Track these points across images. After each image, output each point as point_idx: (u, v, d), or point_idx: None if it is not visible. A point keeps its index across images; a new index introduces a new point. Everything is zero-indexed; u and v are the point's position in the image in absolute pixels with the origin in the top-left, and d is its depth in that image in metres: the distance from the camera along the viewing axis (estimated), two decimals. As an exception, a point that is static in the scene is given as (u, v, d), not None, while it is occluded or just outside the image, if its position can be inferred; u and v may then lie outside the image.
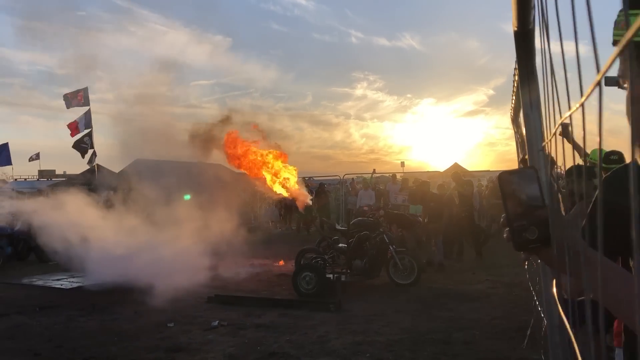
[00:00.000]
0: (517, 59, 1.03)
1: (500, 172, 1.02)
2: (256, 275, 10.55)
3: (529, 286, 8.28)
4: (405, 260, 9.04)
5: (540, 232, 0.96)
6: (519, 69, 1.07)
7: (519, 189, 0.98)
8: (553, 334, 1.22)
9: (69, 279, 10.06)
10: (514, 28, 0.96)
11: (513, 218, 0.98)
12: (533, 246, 0.97)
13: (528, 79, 1.06)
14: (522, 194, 0.98)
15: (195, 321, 7.12)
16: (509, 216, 0.98)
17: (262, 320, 7.12)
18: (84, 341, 6.33)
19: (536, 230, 0.96)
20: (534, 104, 1.10)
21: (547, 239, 0.95)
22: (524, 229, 0.96)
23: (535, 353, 5.38)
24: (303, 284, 8.48)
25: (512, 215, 0.98)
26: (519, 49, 1.00)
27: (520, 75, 1.07)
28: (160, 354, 5.84)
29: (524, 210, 0.97)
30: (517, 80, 1.80)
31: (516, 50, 1.01)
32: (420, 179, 17.46)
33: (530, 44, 0.97)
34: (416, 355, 5.61)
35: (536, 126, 1.11)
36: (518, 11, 0.89)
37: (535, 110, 1.10)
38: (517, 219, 0.97)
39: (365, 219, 10.02)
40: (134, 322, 7.13)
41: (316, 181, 20.49)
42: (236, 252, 12.42)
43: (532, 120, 1.11)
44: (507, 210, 0.99)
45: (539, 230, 0.96)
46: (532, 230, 0.96)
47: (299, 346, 6.00)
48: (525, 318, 6.59)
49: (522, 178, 0.99)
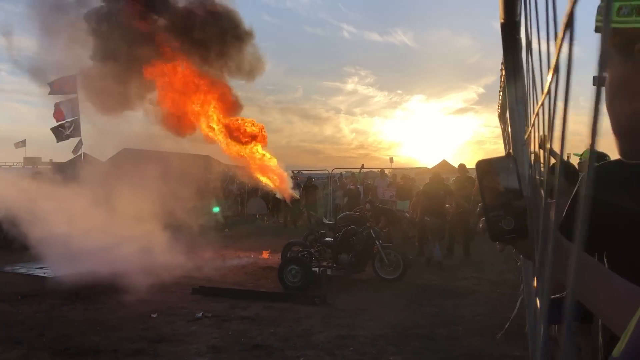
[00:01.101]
0: (504, 51, 1.02)
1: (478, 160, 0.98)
2: (242, 267, 10.53)
3: (513, 284, 8.36)
4: (391, 256, 9.06)
5: (517, 222, 0.93)
6: (505, 61, 1.06)
7: (497, 178, 0.95)
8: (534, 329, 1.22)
9: (53, 268, 9.97)
10: (501, 20, 0.95)
11: (490, 208, 0.95)
12: (509, 237, 0.95)
13: (514, 71, 1.05)
14: (499, 184, 0.95)
15: (180, 312, 7.10)
16: (486, 206, 0.96)
17: (247, 312, 7.11)
18: (66, 330, 6.29)
19: (513, 221, 0.94)
20: (519, 97, 1.09)
21: (523, 229, 0.93)
22: (500, 219, 0.94)
23: (517, 349, 5.43)
24: (289, 277, 8.48)
25: (489, 204, 0.95)
26: (505, 41, 0.99)
27: (506, 68, 1.06)
28: (143, 344, 5.81)
29: (501, 200, 0.95)
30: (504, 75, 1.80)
31: (502, 42, 0.99)
32: (408, 175, 17.52)
33: (517, 34, 0.96)
34: (400, 350, 5.63)
35: (521, 120, 1.11)
36: (505, 1, 0.88)
37: (521, 103, 1.09)
38: (494, 208, 0.95)
39: (353, 214, 10.03)
40: (117, 312, 7.09)
41: (304, 175, 20.48)
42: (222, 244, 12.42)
43: (517, 114, 1.11)
44: (484, 200, 0.96)
45: (515, 221, 0.93)
46: (509, 221, 0.93)
47: (283, 339, 6.00)
48: (508, 315, 6.65)
49: (501, 167, 0.96)
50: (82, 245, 10.06)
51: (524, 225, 0.93)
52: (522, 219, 0.93)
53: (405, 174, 17.41)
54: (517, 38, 0.97)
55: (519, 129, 1.11)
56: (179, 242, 12.27)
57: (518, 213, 0.93)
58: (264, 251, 12.09)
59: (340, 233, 9.17)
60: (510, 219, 0.94)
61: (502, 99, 2.74)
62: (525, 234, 0.93)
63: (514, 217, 0.94)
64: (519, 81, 1.06)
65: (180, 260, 10.41)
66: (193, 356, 5.50)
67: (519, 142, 1.11)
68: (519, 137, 1.11)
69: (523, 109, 1.09)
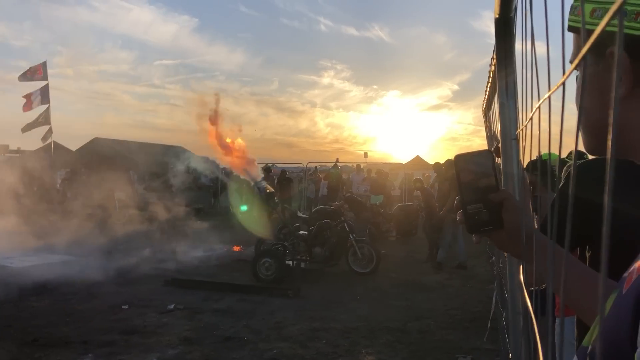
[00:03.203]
0: (496, 45, 1.03)
1: (456, 154, 1.01)
2: (215, 260, 10.46)
3: (483, 279, 8.50)
4: (364, 250, 9.12)
5: (493, 215, 0.96)
6: (497, 56, 1.07)
7: (474, 173, 0.98)
8: (516, 322, 1.24)
9: (21, 257, 9.76)
10: (496, 15, 0.96)
11: (467, 201, 0.98)
12: (485, 229, 0.98)
13: (505, 66, 1.06)
14: (476, 177, 0.98)
15: (151, 304, 7.02)
16: (463, 199, 0.99)
17: (220, 305, 7.08)
18: (34, 321, 6.16)
19: (488, 213, 0.97)
20: (510, 92, 1.10)
21: (499, 221, 0.96)
22: (477, 212, 0.97)
23: (488, 342, 5.53)
24: (262, 270, 8.46)
25: (466, 198, 0.99)
26: (498, 36, 1.00)
27: (497, 62, 1.07)
28: (114, 336, 5.73)
29: (478, 193, 0.98)
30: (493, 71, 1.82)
31: (496, 36, 1.00)
32: (382, 170, 17.64)
33: (510, 30, 0.97)
34: (372, 343, 5.68)
35: (511, 115, 1.12)
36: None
37: (511, 98, 1.11)
38: (471, 202, 0.98)
39: (327, 207, 10.05)
40: (87, 303, 6.97)
41: (279, 168, 20.43)
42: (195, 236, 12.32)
43: (507, 109, 1.12)
44: (462, 193, 0.99)
45: (491, 213, 0.97)
46: (485, 213, 0.97)
47: (255, 331, 5.99)
48: (479, 309, 6.77)
49: (478, 161, 0.99)
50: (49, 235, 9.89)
51: (499, 218, 0.96)
52: (497, 211, 0.96)
53: (380, 169, 17.53)
54: (511, 34, 0.98)
55: (509, 124, 1.13)
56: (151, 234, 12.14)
57: (494, 206, 0.96)
58: (237, 244, 12.03)
59: (314, 226, 9.18)
60: (486, 212, 0.97)
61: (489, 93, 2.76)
62: (500, 225, 0.96)
63: (489, 209, 0.97)
64: (510, 76, 1.08)
65: (152, 251, 10.31)
66: (165, 348, 5.45)
67: (509, 137, 1.12)
68: (509, 133, 1.12)
69: (514, 105, 1.10)
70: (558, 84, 0.53)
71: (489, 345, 5.49)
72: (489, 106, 3.20)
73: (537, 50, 0.72)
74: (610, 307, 0.64)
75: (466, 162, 1.00)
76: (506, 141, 1.13)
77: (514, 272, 1.24)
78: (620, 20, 0.31)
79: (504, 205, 0.95)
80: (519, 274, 1.12)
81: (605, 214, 0.34)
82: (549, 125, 0.67)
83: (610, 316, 0.63)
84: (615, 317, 0.61)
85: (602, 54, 0.66)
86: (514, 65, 1.05)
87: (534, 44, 0.74)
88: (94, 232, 11.03)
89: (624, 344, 0.56)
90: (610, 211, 0.34)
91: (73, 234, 10.71)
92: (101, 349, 5.37)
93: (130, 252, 10.01)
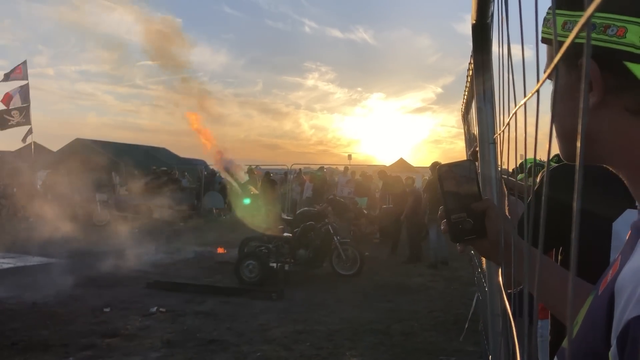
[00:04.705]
0: (473, 50, 1.04)
1: (439, 165, 1.03)
2: (198, 262, 10.40)
3: (466, 281, 8.56)
4: (348, 252, 9.13)
5: (476, 223, 0.98)
6: (474, 62, 1.08)
7: (457, 182, 1.00)
8: (495, 324, 1.25)
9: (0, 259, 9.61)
10: (472, 21, 0.97)
11: (451, 210, 1.00)
12: (469, 238, 0.99)
13: (483, 71, 1.07)
14: (459, 187, 1.00)
15: (133, 307, 6.95)
16: (447, 209, 1.00)
17: (203, 307, 7.03)
18: (13, 324, 6.06)
19: (472, 222, 0.98)
20: (487, 96, 1.11)
21: (482, 230, 0.97)
22: (460, 222, 0.98)
23: (470, 344, 5.57)
24: (246, 272, 8.43)
25: (450, 207, 1.00)
26: (475, 41, 1.01)
27: (475, 67, 1.09)
28: (95, 339, 5.66)
29: (461, 203, 0.99)
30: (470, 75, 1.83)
31: (473, 42, 1.01)
32: (366, 172, 17.69)
33: (487, 36, 0.98)
34: (355, 345, 5.69)
35: (488, 119, 1.13)
36: (478, 3, 0.90)
37: (489, 103, 1.12)
38: (455, 211, 0.99)
39: (311, 209, 10.05)
40: (68, 306, 6.88)
41: (263, 170, 20.38)
42: (178, 238, 12.24)
43: (485, 114, 1.13)
44: (445, 203, 1.01)
45: (474, 222, 0.98)
46: (468, 222, 0.98)
47: (239, 334, 5.96)
48: (462, 311, 6.81)
49: (461, 171, 1.01)
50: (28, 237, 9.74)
51: (482, 227, 0.97)
52: (481, 220, 0.98)
53: (364, 171, 17.57)
54: (488, 39, 0.99)
55: (486, 128, 1.14)
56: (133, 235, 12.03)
57: (477, 215, 0.98)
58: (221, 246, 11.98)
59: (298, 229, 9.17)
60: (469, 221, 0.98)
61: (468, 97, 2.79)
62: (483, 234, 0.97)
63: (473, 219, 0.98)
64: (487, 82, 1.09)
65: (134, 253, 10.22)
66: (147, 351, 5.40)
67: (486, 141, 1.13)
68: (486, 137, 1.13)
69: (491, 109, 1.12)
70: (532, 92, 0.54)
71: (472, 346, 5.53)
72: (467, 110, 3.22)
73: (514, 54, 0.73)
74: (587, 309, 0.65)
75: (449, 171, 1.01)
76: (484, 145, 1.14)
77: (492, 275, 1.25)
78: (588, 33, 0.31)
79: (487, 214, 0.97)
80: (498, 277, 1.13)
81: (574, 219, 0.35)
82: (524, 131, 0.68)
83: (586, 318, 0.64)
84: (591, 319, 0.62)
85: (574, 65, 0.68)
86: (491, 72, 1.06)
87: (510, 50, 0.75)
88: (75, 233, 10.90)
89: (599, 344, 0.57)
90: (579, 217, 0.34)
91: (53, 235, 10.59)
92: (82, 352, 5.30)
93: (112, 254, 9.91)
